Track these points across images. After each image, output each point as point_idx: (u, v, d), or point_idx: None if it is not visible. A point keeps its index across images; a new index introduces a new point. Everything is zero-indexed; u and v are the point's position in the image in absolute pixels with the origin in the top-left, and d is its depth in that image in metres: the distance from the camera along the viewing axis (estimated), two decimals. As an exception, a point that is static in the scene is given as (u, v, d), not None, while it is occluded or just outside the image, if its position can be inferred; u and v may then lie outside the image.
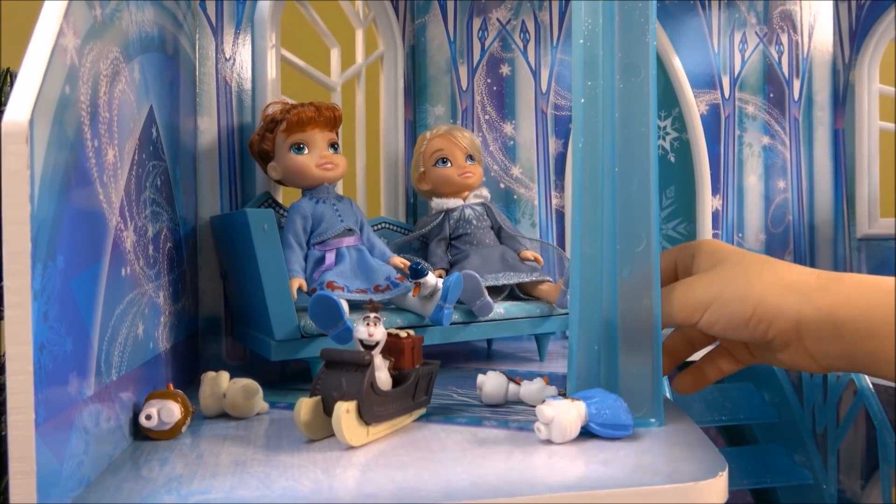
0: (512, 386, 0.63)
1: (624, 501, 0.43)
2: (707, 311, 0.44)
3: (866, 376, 0.90)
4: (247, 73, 0.89)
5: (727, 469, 0.46)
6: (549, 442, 0.52)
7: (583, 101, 0.55)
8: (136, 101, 0.57)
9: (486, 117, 1.08)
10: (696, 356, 0.61)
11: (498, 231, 0.94)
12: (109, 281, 0.48)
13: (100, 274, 0.47)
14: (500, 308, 0.82)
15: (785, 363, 0.48)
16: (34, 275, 0.36)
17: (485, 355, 0.94)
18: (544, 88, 1.11)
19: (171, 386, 0.57)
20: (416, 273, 0.73)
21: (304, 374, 0.79)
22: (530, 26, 1.11)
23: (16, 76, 0.72)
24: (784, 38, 1.25)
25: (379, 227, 0.95)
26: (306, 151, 0.80)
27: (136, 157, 0.56)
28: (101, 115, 0.47)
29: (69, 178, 0.41)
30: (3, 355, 0.66)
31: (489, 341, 0.98)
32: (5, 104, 0.70)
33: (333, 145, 0.82)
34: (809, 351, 0.42)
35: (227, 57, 0.88)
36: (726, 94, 1.22)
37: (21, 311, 0.35)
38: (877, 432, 0.89)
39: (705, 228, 1.21)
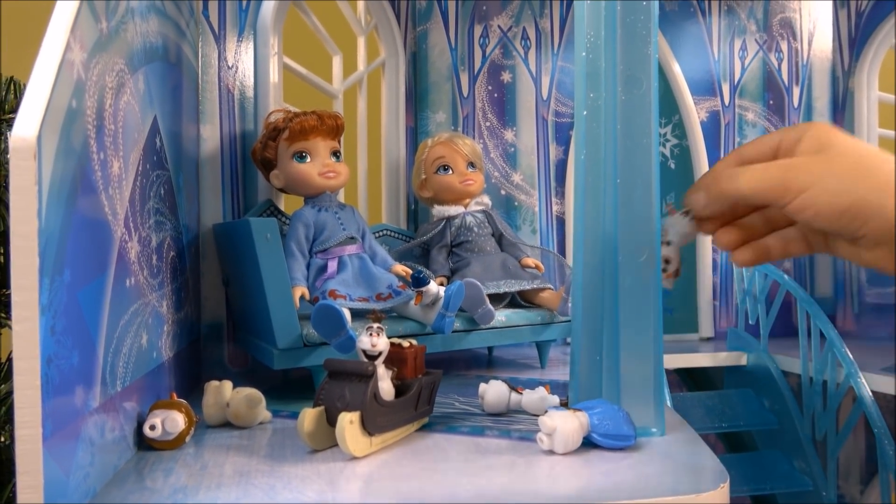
0: (514, 395, 0.64)
1: (626, 513, 0.43)
2: (801, 196, 0.42)
3: (866, 384, 0.90)
4: (249, 81, 0.89)
5: (728, 481, 0.46)
6: (551, 452, 0.52)
7: (585, 112, 0.55)
8: (141, 112, 0.57)
9: (487, 124, 1.09)
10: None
11: (499, 238, 0.94)
12: (114, 292, 0.48)
13: (105, 286, 0.47)
14: (502, 316, 0.82)
15: (868, 262, 0.45)
16: (42, 289, 0.36)
17: (486, 362, 0.94)
18: (545, 95, 1.12)
19: (175, 395, 0.57)
20: (418, 282, 0.73)
21: (305, 380, 0.79)
22: (531, 33, 1.11)
23: (20, 85, 0.73)
24: (784, 46, 1.26)
25: (380, 234, 0.95)
26: (309, 160, 0.80)
27: (140, 168, 0.56)
28: (106, 127, 0.48)
29: (75, 190, 0.41)
30: (4, 364, 0.66)
31: (490, 348, 0.99)
32: (9, 112, 0.71)
33: (336, 153, 0.82)
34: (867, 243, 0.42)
35: (230, 64, 0.88)
36: (726, 100, 1.23)
37: (29, 326, 0.35)
38: (876, 439, 0.89)
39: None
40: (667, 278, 0.55)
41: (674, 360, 1.08)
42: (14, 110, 0.71)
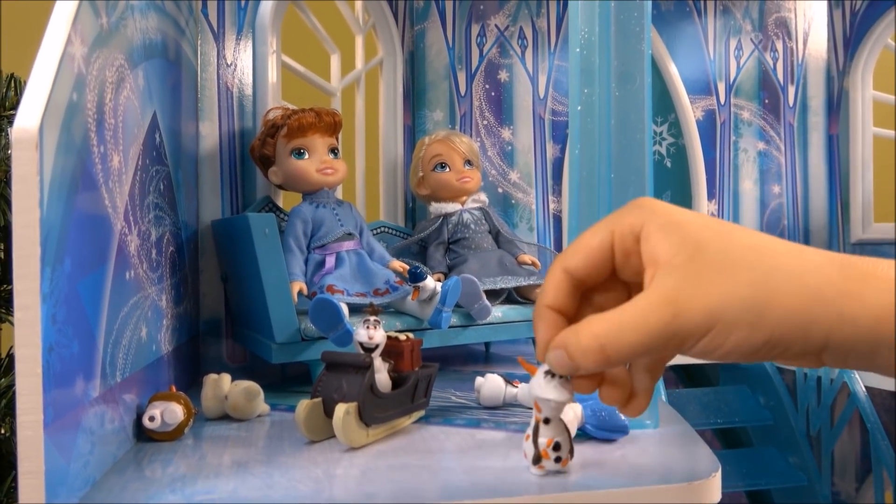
0: (509, 388, 0.64)
1: (619, 502, 0.44)
2: (702, 342, 0.29)
3: (860, 380, 0.91)
4: (248, 79, 0.90)
5: (720, 469, 0.47)
6: (546, 443, 0.52)
7: (580, 108, 0.56)
8: (141, 108, 0.58)
9: (485, 122, 1.09)
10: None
11: (496, 235, 0.95)
12: (114, 284, 0.49)
13: (105, 277, 0.47)
14: (498, 311, 0.83)
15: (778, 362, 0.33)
16: (43, 278, 0.37)
17: (483, 358, 0.95)
18: (542, 94, 1.12)
19: (174, 388, 0.58)
20: (415, 277, 0.74)
21: (303, 376, 0.80)
22: (528, 33, 1.12)
23: (20, 82, 0.73)
24: (779, 45, 1.27)
25: (378, 231, 0.96)
26: (307, 156, 0.81)
27: (140, 163, 0.57)
28: (107, 121, 0.48)
29: (76, 183, 0.42)
30: (5, 359, 0.66)
31: (487, 344, 0.99)
32: (10, 109, 0.71)
33: (333, 150, 0.83)
34: (823, 362, 0.30)
35: (229, 62, 0.89)
36: (722, 99, 1.24)
37: (30, 314, 0.36)
38: (870, 435, 0.90)
39: (701, 233, 1.22)
40: (563, 466, 0.44)
41: (670, 357, 1.08)
42: (14, 107, 0.72)
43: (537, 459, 0.44)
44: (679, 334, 0.29)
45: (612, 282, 0.34)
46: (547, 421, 0.43)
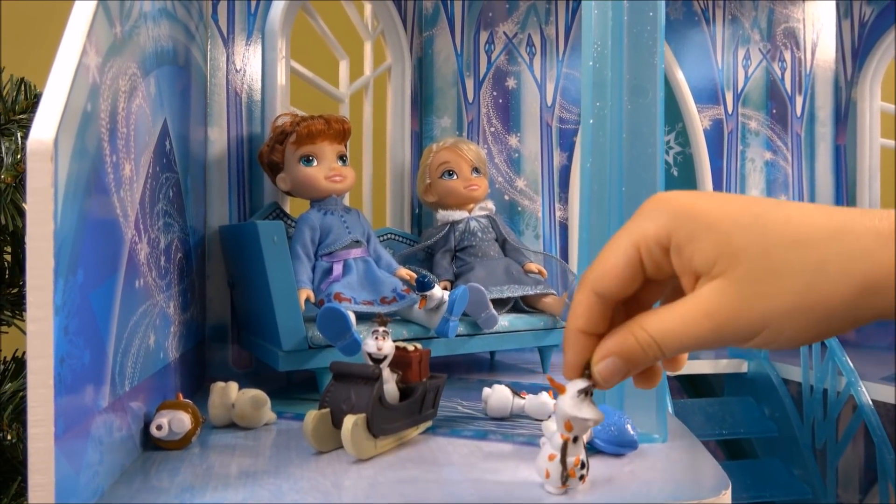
0: (517, 399, 0.64)
1: (628, 518, 0.43)
2: (755, 339, 0.28)
3: (866, 393, 0.91)
4: (257, 84, 0.90)
5: (730, 487, 0.47)
6: (554, 457, 0.52)
7: (592, 121, 0.56)
8: (152, 115, 0.58)
9: (492, 129, 1.09)
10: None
11: (503, 243, 0.95)
12: (124, 293, 0.49)
13: (116, 286, 0.47)
14: (505, 320, 0.83)
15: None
16: (56, 290, 0.36)
17: (488, 366, 0.94)
18: (549, 102, 1.12)
19: (181, 395, 0.57)
20: (423, 286, 0.74)
21: (309, 382, 0.80)
22: (536, 40, 1.12)
23: (30, 85, 0.73)
24: (787, 55, 1.26)
25: (384, 237, 0.96)
26: (315, 163, 0.81)
27: (150, 170, 0.57)
28: (119, 130, 0.48)
29: (89, 192, 0.42)
30: (10, 363, 0.66)
31: (493, 353, 0.99)
32: (21, 113, 0.71)
33: (342, 157, 0.83)
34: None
35: (238, 68, 0.89)
36: (729, 109, 1.24)
37: (43, 326, 0.36)
38: (876, 448, 0.90)
39: (707, 242, 1.22)
40: (584, 483, 0.43)
41: (675, 367, 1.08)
42: (24, 111, 0.72)
43: (565, 479, 0.43)
44: (724, 341, 0.29)
45: (645, 286, 0.33)
46: (575, 440, 0.42)
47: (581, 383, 0.35)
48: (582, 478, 0.43)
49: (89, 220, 0.42)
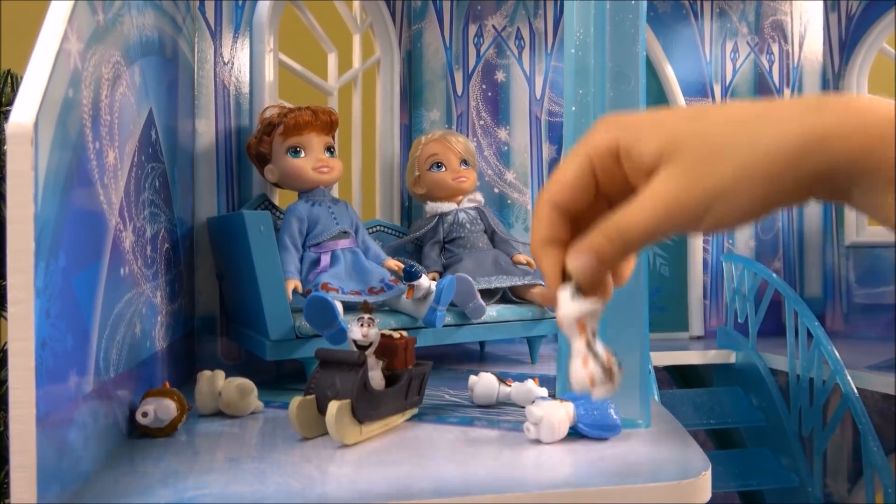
0: (503, 387, 0.65)
1: (610, 500, 0.44)
2: (707, 219, 0.30)
3: (852, 382, 0.92)
4: (245, 77, 0.90)
5: (710, 468, 0.47)
6: (538, 441, 0.53)
7: (574, 108, 0.56)
8: (137, 104, 0.58)
9: (481, 122, 1.10)
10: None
11: (491, 235, 0.95)
12: (109, 280, 0.49)
13: (100, 273, 0.47)
14: (493, 311, 0.83)
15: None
16: (37, 273, 0.37)
17: (477, 357, 0.95)
18: (538, 95, 1.13)
19: (168, 384, 0.58)
20: (410, 276, 0.74)
21: (297, 373, 0.80)
22: (525, 33, 1.12)
23: (17, 77, 0.73)
24: (775, 48, 1.27)
25: (374, 229, 0.96)
26: (303, 155, 0.81)
27: (135, 159, 0.57)
28: (102, 117, 0.48)
29: (71, 178, 0.42)
30: (2, 351, 0.66)
31: (482, 343, 1.00)
32: (6, 105, 0.71)
33: (330, 149, 0.83)
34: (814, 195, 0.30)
35: (226, 60, 0.89)
36: (718, 101, 1.24)
37: (24, 308, 0.36)
38: (861, 436, 0.90)
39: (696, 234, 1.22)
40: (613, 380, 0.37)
41: (664, 358, 1.09)
42: (10, 103, 0.72)
43: (610, 373, 0.39)
44: (679, 225, 0.31)
45: (599, 204, 0.35)
46: (594, 334, 0.41)
47: (567, 285, 0.35)
48: (620, 366, 0.40)
49: (71, 205, 0.42)
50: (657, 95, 1.21)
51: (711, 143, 0.30)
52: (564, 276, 0.35)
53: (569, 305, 0.38)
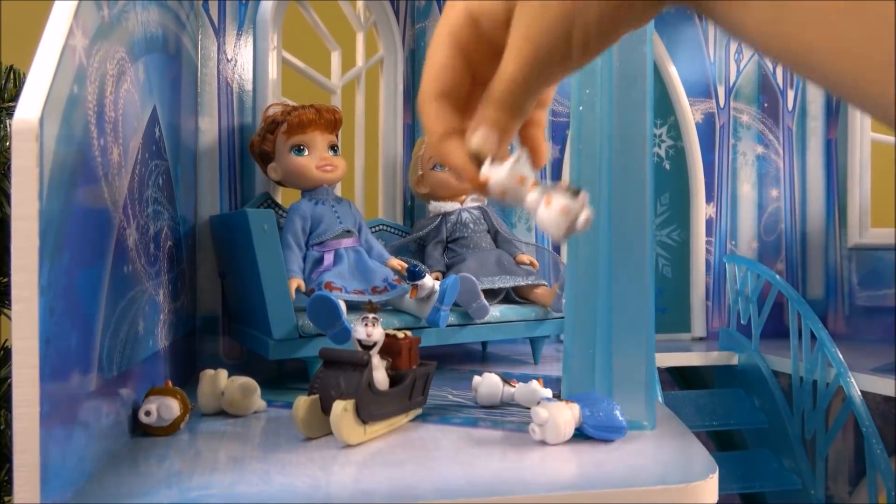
0: (506, 388, 0.64)
1: (616, 501, 0.44)
2: (572, 42, 0.28)
3: (855, 384, 0.91)
4: (248, 75, 0.90)
5: (718, 471, 0.47)
6: (543, 443, 0.52)
7: (581, 108, 0.56)
8: (141, 101, 0.58)
9: (484, 122, 1.09)
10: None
11: (494, 235, 0.95)
12: (113, 278, 0.49)
13: (103, 271, 0.47)
14: (496, 311, 0.83)
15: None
16: (41, 270, 0.36)
17: (480, 358, 0.94)
18: (542, 94, 1.12)
19: (170, 383, 0.57)
20: (414, 275, 0.74)
21: (299, 373, 0.80)
22: (529, 33, 1.12)
23: (20, 74, 0.73)
24: (779, 49, 1.27)
25: (376, 228, 0.96)
26: (306, 153, 0.81)
27: (139, 156, 0.57)
28: (107, 114, 0.48)
29: (76, 175, 0.42)
30: (2, 349, 0.66)
31: (484, 344, 0.99)
32: (9, 101, 0.71)
33: (333, 147, 0.83)
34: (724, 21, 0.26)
35: (229, 58, 0.89)
36: (721, 103, 1.24)
37: (28, 306, 0.36)
38: (864, 439, 0.90)
39: (699, 235, 1.22)
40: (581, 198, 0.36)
41: (666, 359, 1.09)
42: (13, 99, 0.72)
43: (575, 194, 0.35)
44: (552, 59, 0.29)
45: (480, 91, 0.34)
46: (536, 180, 0.37)
47: (485, 163, 0.35)
48: (578, 186, 0.38)
49: (76, 202, 0.42)
50: (660, 96, 1.21)
51: None
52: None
53: (496, 173, 0.36)
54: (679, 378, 1.24)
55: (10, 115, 0.70)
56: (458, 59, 0.33)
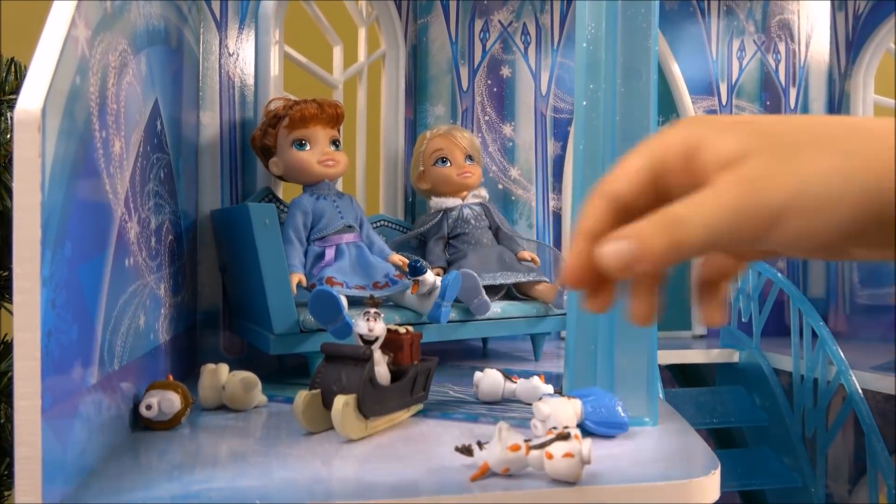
0: (508, 383, 0.64)
1: (617, 498, 0.44)
2: (777, 230, 0.25)
3: (856, 382, 0.91)
4: (250, 69, 0.89)
5: (720, 467, 0.47)
6: (545, 438, 0.52)
7: (585, 103, 0.56)
8: (143, 94, 0.57)
9: (486, 118, 1.09)
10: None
11: (496, 231, 0.94)
12: (114, 271, 0.49)
13: (105, 263, 0.47)
14: (497, 307, 0.83)
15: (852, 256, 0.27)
16: (43, 262, 0.36)
17: (481, 354, 0.94)
18: (544, 91, 1.12)
19: (171, 377, 0.57)
20: (415, 271, 0.73)
21: (301, 368, 0.80)
22: (531, 29, 1.12)
23: (20, 66, 0.73)
24: (781, 47, 1.26)
25: (377, 224, 0.96)
26: (308, 148, 0.80)
27: (141, 149, 0.56)
28: (109, 106, 0.48)
29: (78, 167, 0.42)
30: (2, 342, 0.66)
31: (485, 340, 0.99)
32: (11, 94, 0.71)
33: (335, 142, 0.82)
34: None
35: (231, 52, 0.88)
36: (723, 100, 1.24)
37: (30, 297, 0.36)
38: (865, 437, 0.90)
39: (700, 233, 1.22)
40: None
41: (666, 357, 1.08)
42: (14, 91, 0.71)
43: None
44: (759, 215, 0.25)
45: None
46: None
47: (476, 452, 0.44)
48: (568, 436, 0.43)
49: (78, 193, 0.41)
50: (663, 93, 1.21)
51: (814, 131, 0.25)
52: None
53: (490, 455, 0.44)
54: (680, 375, 1.24)
55: (11, 107, 0.69)
56: (650, 174, 0.29)
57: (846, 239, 0.25)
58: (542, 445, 0.44)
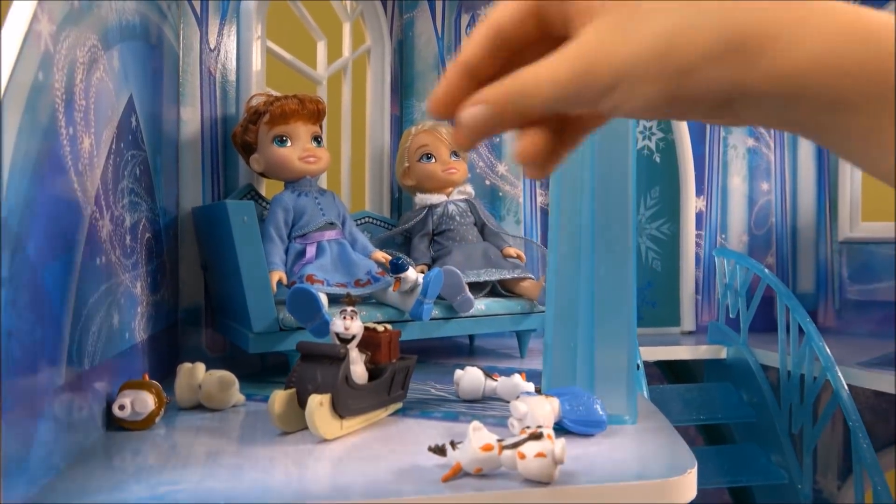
0: (489, 381, 0.64)
1: (594, 498, 0.43)
2: (612, 94, 0.26)
3: (842, 379, 0.91)
4: (231, 65, 0.89)
5: (696, 466, 0.46)
6: (522, 437, 0.52)
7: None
8: (115, 90, 0.57)
9: (473, 114, 1.08)
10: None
11: (481, 228, 0.94)
12: (84, 270, 0.48)
13: (73, 263, 0.46)
14: (481, 304, 0.82)
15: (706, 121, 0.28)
16: (2, 262, 0.35)
17: (467, 351, 0.94)
18: (531, 86, 1.11)
19: (147, 376, 0.56)
20: (397, 268, 0.73)
21: (284, 367, 0.79)
22: (518, 24, 1.11)
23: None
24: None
25: (362, 221, 0.95)
26: (289, 144, 0.80)
27: (113, 146, 0.56)
28: (76, 102, 0.47)
29: (42, 165, 0.41)
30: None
31: (472, 337, 0.99)
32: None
33: (317, 138, 0.82)
34: (743, 118, 0.26)
35: (212, 48, 0.88)
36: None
37: (-12, 298, 0.35)
38: (851, 433, 0.90)
39: (689, 229, 1.22)
40: None
41: (654, 353, 1.08)
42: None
43: None
44: (582, 94, 0.27)
45: (538, 47, 0.30)
46: None
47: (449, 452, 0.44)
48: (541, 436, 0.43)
49: (42, 192, 0.41)
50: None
51: (645, 5, 0.25)
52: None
53: (462, 455, 0.43)
54: (668, 372, 1.23)
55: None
56: (498, 39, 0.29)
57: (657, 104, 0.26)
58: (514, 445, 0.43)
